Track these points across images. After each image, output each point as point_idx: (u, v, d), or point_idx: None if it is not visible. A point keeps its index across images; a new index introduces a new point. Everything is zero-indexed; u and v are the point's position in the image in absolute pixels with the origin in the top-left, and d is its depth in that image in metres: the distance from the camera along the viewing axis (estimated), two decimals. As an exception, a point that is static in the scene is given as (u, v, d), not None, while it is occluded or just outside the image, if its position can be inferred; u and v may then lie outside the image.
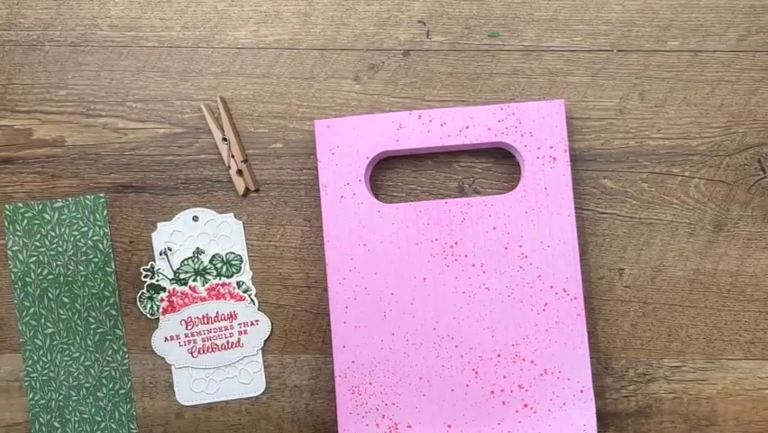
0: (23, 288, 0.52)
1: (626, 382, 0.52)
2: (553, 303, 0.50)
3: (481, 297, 0.51)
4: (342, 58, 0.53)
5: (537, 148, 0.51)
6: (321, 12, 0.53)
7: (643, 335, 0.52)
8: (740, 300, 0.52)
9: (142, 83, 0.53)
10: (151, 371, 0.52)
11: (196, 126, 0.53)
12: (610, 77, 0.53)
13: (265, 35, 0.53)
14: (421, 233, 0.51)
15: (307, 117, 0.53)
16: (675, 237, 0.52)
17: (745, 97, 0.52)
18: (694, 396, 0.52)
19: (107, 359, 0.52)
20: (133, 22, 0.53)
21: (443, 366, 0.50)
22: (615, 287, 0.52)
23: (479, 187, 0.53)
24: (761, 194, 0.52)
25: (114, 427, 0.52)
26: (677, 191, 0.52)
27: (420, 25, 0.53)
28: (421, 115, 0.51)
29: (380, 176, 0.53)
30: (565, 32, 0.53)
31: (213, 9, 0.53)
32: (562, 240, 0.51)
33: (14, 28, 0.53)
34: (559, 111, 0.51)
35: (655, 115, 0.52)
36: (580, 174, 0.52)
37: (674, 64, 0.53)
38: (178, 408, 0.52)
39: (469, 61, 0.53)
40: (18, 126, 0.53)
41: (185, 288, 0.52)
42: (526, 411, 0.50)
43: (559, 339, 0.50)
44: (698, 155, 0.52)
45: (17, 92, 0.53)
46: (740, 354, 0.52)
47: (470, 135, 0.51)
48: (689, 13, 0.53)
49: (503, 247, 0.51)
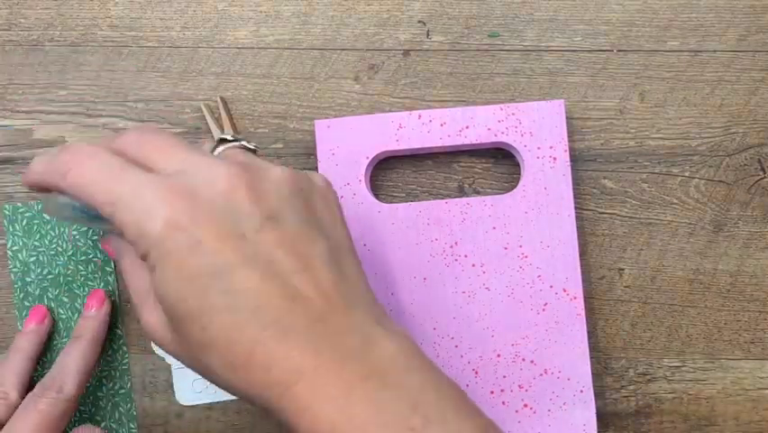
0: (23, 288, 0.52)
1: (626, 382, 0.52)
2: (553, 303, 0.50)
3: (481, 297, 0.51)
4: (342, 58, 0.53)
5: (537, 148, 0.51)
6: (321, 12, 0.53)
7: (643, 335, 0.52)
8: (740, 300, 0.52)
9: (142, 83, 0.53)
10: (151, 371, 0.52)
11: (196, 126, 0.53)
12: (610, 77, 0.53)
13: (265, 35, 0.53)
14: (421, 233, 0.51)
15: (307, 117, 0.53)
16: (675, 237, 0.52)
17: (745, 97, 0.52)
18: (694, 396, 0.52)
19: (107, 359, 0.52)
20: (133, 22, 0.53)
21: (443, 366, 0.50)
22: (615, 287, 0.52)
23: (479, 187, 0.53)
24: (761, 194, 0.52)
25: (113, 426, 0.52)
26: (677, 191, 0.52)
27: (420, 25, 0.53)
28: (421, 115, 0.51)
29: (380, 176, 0.53)
30: (565, 32, 0.53)
31: (213, 9, 0.53)
32: (562, 240, 0.51)
33: (14, 28, 0.53)
34: (559, 111, 0.51)
35: (655, 115, 0.53)
36: (580, 174, 0.52)
37: (674, 64, 0.53)
38: (178, 408, 0.52)
39: (469, 61, 0.53)
40: (18, 126, 0.53)
41: (185, 288, 0.52)
42: (526, 411, 0.50)
43: (559, 339, 0.50)
44: (698, 155, 0.52)
45: (17, 92, 0.53)
46: (740, 354, 0.52)
47: (470, 135, 0.51)
48: (689, 13, 0.53)
49: (503, 247, 0.51)
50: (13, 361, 0.49)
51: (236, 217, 0.38)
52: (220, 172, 0.39)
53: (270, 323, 0.37)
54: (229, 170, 0.39)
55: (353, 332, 0.38)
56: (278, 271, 0.38)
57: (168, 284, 0.38)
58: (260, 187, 0.39)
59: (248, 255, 0.37)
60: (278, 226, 0.38)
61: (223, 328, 0.37)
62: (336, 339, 0.37)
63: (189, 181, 0.38)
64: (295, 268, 0.38)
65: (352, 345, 0.37)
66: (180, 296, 0.38)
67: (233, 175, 0.39)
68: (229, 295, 0.37)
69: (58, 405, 0.47)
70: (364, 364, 0.37)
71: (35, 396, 0.47)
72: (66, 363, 0.48)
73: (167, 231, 0.37)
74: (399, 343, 0.39)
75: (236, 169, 0.39)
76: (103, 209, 0.39)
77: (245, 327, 0.37)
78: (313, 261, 0.39)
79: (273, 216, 0.39)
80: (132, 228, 0.38)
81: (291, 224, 0.39)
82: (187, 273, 0.37)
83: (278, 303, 0.37)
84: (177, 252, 0.37)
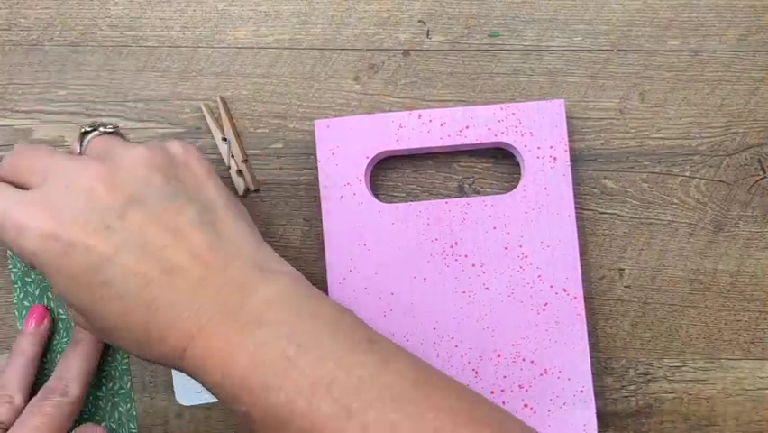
0: (23, 288, 0.52)
1: (626, 382, 0.52)
2: (553, 303, 0.50)
3: (481, 297, 0.51)
4: (342, 58, 0.53)
5: (537, 148, 0.51)
6: (321, 12, 0.53)
7: (643, 335, 0.52)
8: (740, 300, 0.52)
9: (142, 83, 0.53)
10: (151, 370, 0.52)
11: (196, 126, 0.53)
12: (610, 76, 0.53)
13: (265, 35, 0.53)
14: (421, 233, 0.51)
15: (307, 117, 0.53)
16: (675, 237, 0.52)
17: (745, 97, 0.52)
18: (694, 396, 0.52)
19: (107, 359, 0.52)
20: (133, 21, 0.53)
21: (443, 366, 0.50)
22: (615, 287, 0.52)
23: (479, 187, 0.53)
24: (761, 194, 0.52)
25: (113, 426, 0.52)
26: (677, 191, 0.52)
27: (420, 25, 0.53)
28: (421, 114, 0.51)
29: (380, 176, 0.53)
30: (565, 31, 0.53)
31: (213, 9, 0.53)
32: (562, 240, 0.51)
33: (14, 28, 0.53)
34: (559, 111, 0.51)
35: (655, 115, 0.52)
36: (580, 174, 0.52)
37: (674, 64, 0.53)
38: (178, 408, 0.52)
39: (469, 61, 0.53)
40: (18, 126, 0.53)
41: (185, 288, 0.52)
42: (526, 411, 0.50)
43: (559, 339, 0.50)
44: (698, 155, 0.52)
45: (17, 92, 0.53)
46: (740, 354, 0.52)
47: (470, 135, 0.51)
48: (689, 13, 0.53)
49: (503, 247, 0.51)
50: (15, 364, 0.49)
51: (99, 211, 0.41)
52: (77, 174, 0.42)
53: (153, 300, 0.40)
54: (85, 168, 0.42)
55: (230, 286, 0.41)
56: (151, 250, 0.41)
57: (58, 287, 0.42)
58: (116, 176, 0.42)
59: (119, 243, 0.41)
60: (140, 208, 0.41)
61: (117, 315, 0.41)
62: (215, 298, 0.40)
63: (51, 191, 0.42)
64: (166, 242, 0.41)
65: (229, 300, 0.40)
66: (73, 295, 0.41)
67: (89, 173, 0.42)
68: (112, 285, 0.40)
69: (63, 408, 0.47)
70: (242, 314, 0.40)
71: (39, 399, 0.47)
72: (69, 367, 0.49)
73: (40, 243, 0.41)
74: (277, 283, 0.41)
75: (92, 166, 0.42)
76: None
77: (134, 310, 0.41)
78: (183, 229, 0.41)
79: (133, 199, 0.41)
80: (13, 246, 0.42)
81: (153, 201, 0.42)
82: (70, 275, 0.41)
83: (158, 280, 0.40)
84: (54, 260, 0.41)
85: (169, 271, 0.40)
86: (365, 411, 0.38)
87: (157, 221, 0.41)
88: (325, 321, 0.41)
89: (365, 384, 0.39)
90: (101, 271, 0.40)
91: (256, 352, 0.39)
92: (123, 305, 0.41)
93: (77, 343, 0.50)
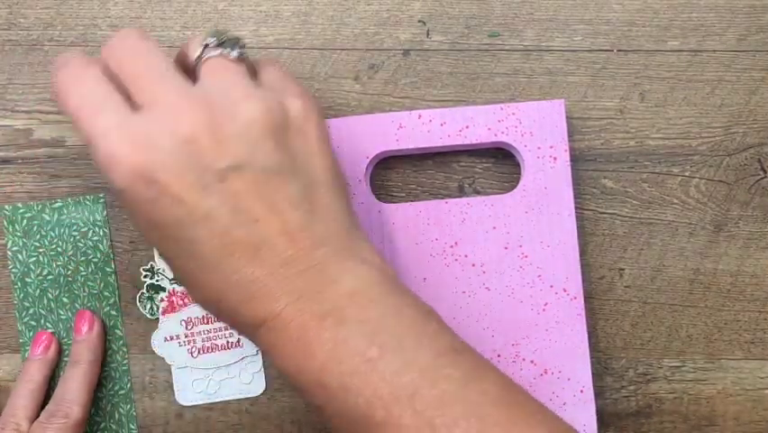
0: (23, 288, 0.52)
1: (626, 382, 0.52)
2: (553, 303, 0.50)
3: (481, 297, 0.51)
4: (342, 58, 0.53)
5: (537, 148, 0.51)
6: (321, 12, 0.53)
7: (643, 335, 0.52)
8: (740, 300, 0.52)
9: (142, 83, 0.53)
10: (151, 371, 0.52)
11: (195, 126, 0.53)
12: (610, 77, 0.53)
13: (265, 35, 0.53)
14: (421, 233, 0.51)
15: (307, 117, 0.52)
16: (675, 237, 0.52)
17: (745, 97, 0.52)
18: (694, 396, 0.52)
19: (107, 359, 0.52)
20: (133, 21, 0.53)
21: (443, 366, 0.50)
22: (615, 287, 0.52)
23: (479, 187, 0.53)
24: (761, 194, 0.52)
25: (113, 427, 0.52)
26: (677, 191, 0.52)
27: (420, 25, 0.53)
28: (421, 114, 0.51)
29: (380, 176, 0.53)
30: (565, 31, 0.53)
31: (213, 9, 0.53)
32: (562, 240, 0.51)
33: (14, 28, 0.53)
34: (559, 111, 0.51)
35: (655, 115, 0.52)
36: (580, 174, 0.52)
37: (674, 64, 0.53)
38: (178, 408, 0.52)
39: (469, 61, 0.53)
40: (18, 126, 0.53)
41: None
42: (526, 411, 0.50)
43: (559, 339, 0.50)
44: (698, 155, 0.52)
45: (17, 92, 0.53)
46: (740, 354, 0.52)
47: (470, 135, 0.51)
48: (689, 12, 0.53)
49: (503, 247, 0.51)
50: (23, 391, 0.49)
51: (199, 168, 0.38)
52: (184, 116, 0.38)
53: (234, 272, 0.38)
54: (193, 112, 0.38)
55: (314, 271, 0.39)
56: (243, 221, 0.38)
57: (137, 225, 0.40)
58: (225, 130, 0.38)
59: (212, 207, 0.38)
60: (242, 174, 0.38)
61: (190, 273, 0.39)
62: (296, 282, 0.38)
63: (154, 126, 0.38)
64: (259, 215, 0.38)
65: (311, 286, 0.38)
66: (150, 237, 0.40)
67: (197, 118, 0.38)
68: (193, 245, 0.38)
69: (67, 431, 0.47)
70: (322, 304, 0.38)
71: (42, 423, 0.47)
72: (69, 389, 0.49)
73: (129, 181, 0.38)
74: (362, 275, 0.39)
75: (201, 111, 0.38)
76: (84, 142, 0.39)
77: (212, 276, 0.39)
78: (279, 204, 0.39)
79: (238, 164, 0.38)
80: (102, 170, 0.38)
81: (257, 169, 0.38)
82: (154, 222, 0.38)
83: (241, 253, 0.38)
84: (139, 203, 0.38)
85: (256, 246, 0.38)
86: (449, 428, 0.36)
87: (255, 191, 0.38)
88: (410, 323, 0.39)
89: (449, 399, 0.37)
90: (185, 229, 0.38)
91: (336, 349, 0.37)
92: (202, 266, 0.38)
93: (74, 365, 0.50)
